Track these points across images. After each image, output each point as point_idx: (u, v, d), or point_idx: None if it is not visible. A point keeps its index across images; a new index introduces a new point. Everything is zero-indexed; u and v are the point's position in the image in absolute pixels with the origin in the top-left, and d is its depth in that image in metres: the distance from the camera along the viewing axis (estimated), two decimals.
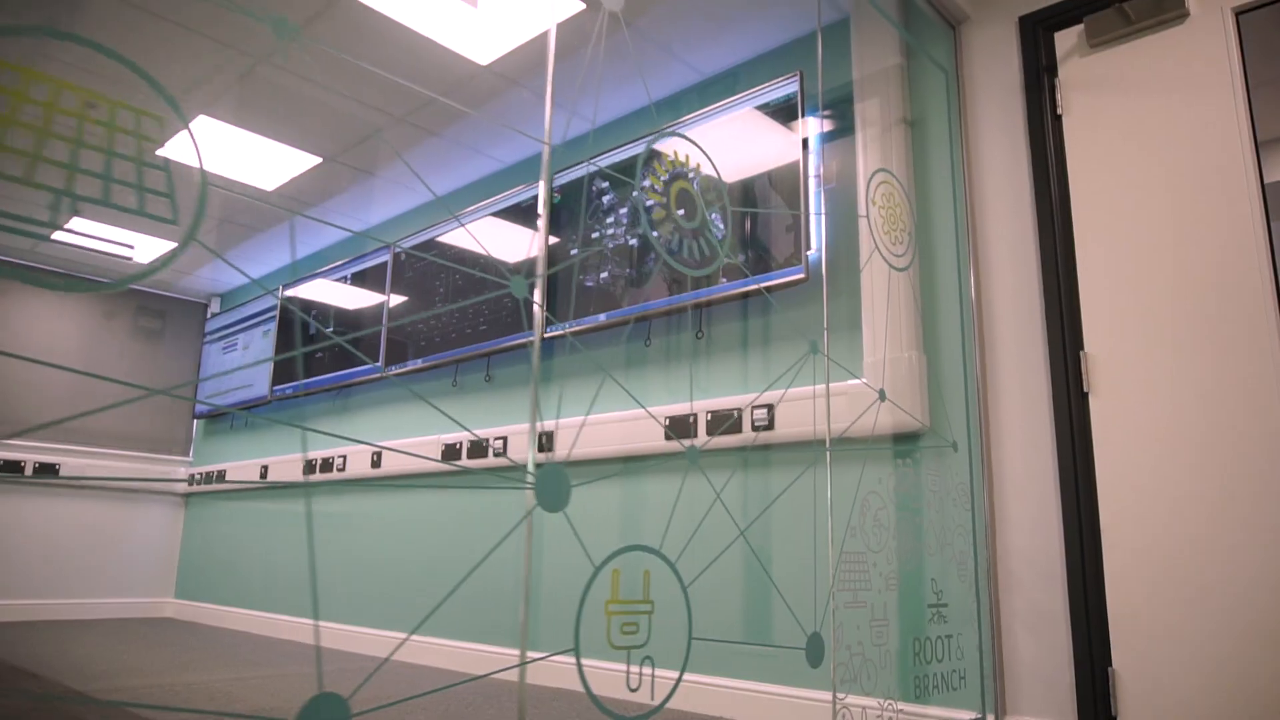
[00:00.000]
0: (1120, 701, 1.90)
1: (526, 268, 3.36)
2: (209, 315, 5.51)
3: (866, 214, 2.11)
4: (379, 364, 3.90)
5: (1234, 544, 1.82)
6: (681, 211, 2.86)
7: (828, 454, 1.90)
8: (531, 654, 2.87)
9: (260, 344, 4.77)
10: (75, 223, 4.31)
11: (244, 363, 4.87)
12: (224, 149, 3.62)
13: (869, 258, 2.22)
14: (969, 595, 2.08)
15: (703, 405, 2.68)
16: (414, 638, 3.39)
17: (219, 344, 5.17)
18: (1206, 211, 1.98)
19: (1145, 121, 2.11)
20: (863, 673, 1.73)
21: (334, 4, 2.65)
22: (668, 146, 2.64)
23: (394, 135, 3.53)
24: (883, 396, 2.09)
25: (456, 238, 3.74)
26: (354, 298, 4.20)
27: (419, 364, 3.69)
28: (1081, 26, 2.23)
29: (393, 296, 3.94)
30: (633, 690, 1.31)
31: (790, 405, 2.41)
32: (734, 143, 2.76)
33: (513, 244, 3.47)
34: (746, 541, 1.77)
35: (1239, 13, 2.02)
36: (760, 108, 2.69)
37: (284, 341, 4.62)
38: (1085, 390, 2.08)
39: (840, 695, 1.64)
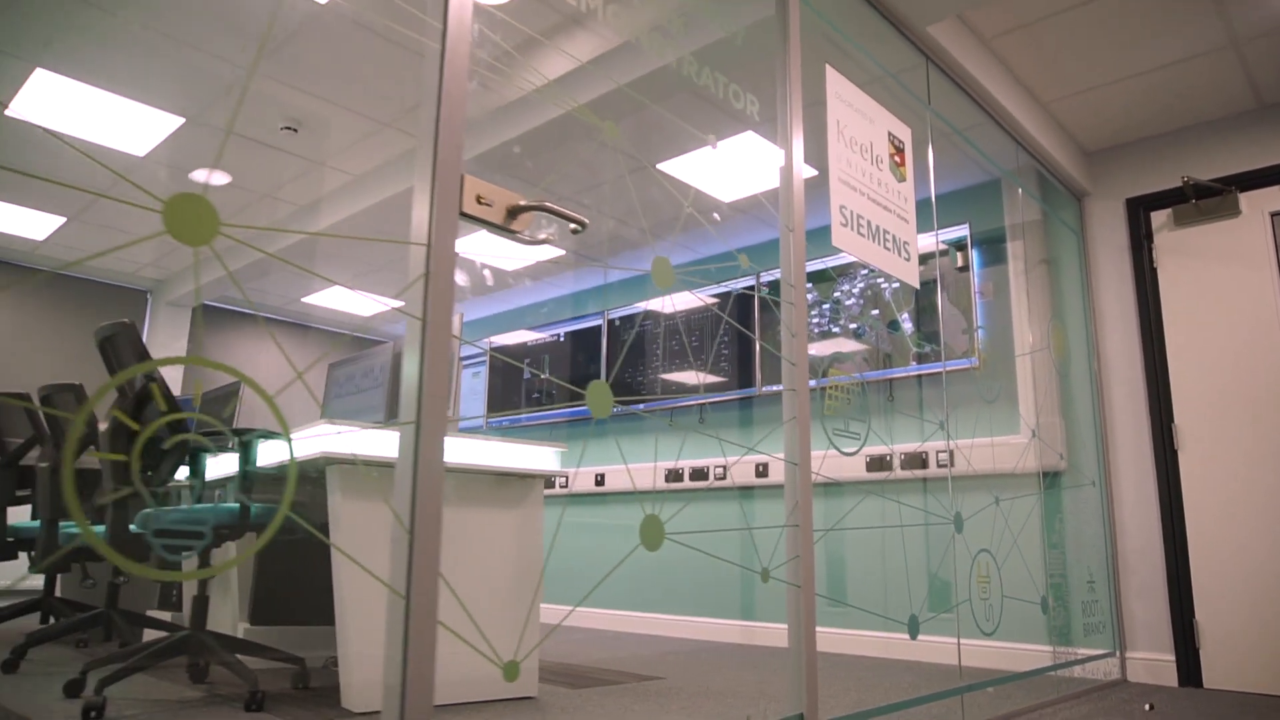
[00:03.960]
0: (1201, 639, 3.13)
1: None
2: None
3: (1048, 347, 3.33)
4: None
5: (1272, 544, 3.05)
6: (876, 312, 4.07)
7: (1041, 492, 3.11)
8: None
9: (469, 383, 5.92)
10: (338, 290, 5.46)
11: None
12: (485, 249, 4.78)
13: (1050, 376, 3.42)
14: (1104, 575, 3.30)
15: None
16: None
17: None
18: (1252, 336, 3.21)
19: (1212, 277, 3.34)
20: (1060, 620, 2.95)
21: (643, 166, 3.82)
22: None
23: (633, 237, 4.71)
24: (1062, 458, 3.31)
25: (662, 306, 4.92)
26: (569, 349, 5.37)
27: (639, 408, 4.87)
28: (1170, 211, 3.46)
29: (610, 351, 5.11)
30: (986, 619, 2.49)
31: (986, 450, 3.61)
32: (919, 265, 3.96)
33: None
34: (1017, 546, 2.96)
35: (1274, 215, 3.25)
36: (943, 241, 3.90)
37: (496, 381, 5.77)
38: (1176, 449, 3.30)
39: (1059, 649, 2.86)
